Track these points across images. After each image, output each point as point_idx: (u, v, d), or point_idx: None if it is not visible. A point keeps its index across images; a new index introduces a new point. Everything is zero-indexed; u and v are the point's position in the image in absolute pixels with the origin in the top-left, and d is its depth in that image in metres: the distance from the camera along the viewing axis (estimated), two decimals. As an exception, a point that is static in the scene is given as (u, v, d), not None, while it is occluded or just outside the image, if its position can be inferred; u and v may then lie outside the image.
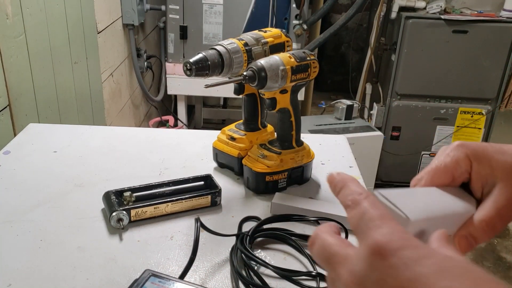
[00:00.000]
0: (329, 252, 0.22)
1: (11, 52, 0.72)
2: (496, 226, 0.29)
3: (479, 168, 0.30)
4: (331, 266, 0.22)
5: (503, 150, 0.30)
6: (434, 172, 0.30)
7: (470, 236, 0.29)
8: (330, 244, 0.23)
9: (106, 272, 0.43)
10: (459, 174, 0.30)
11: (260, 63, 0.50)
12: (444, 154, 0.30)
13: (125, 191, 0.51)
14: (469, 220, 0.29)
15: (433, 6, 1.58)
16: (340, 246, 0.22)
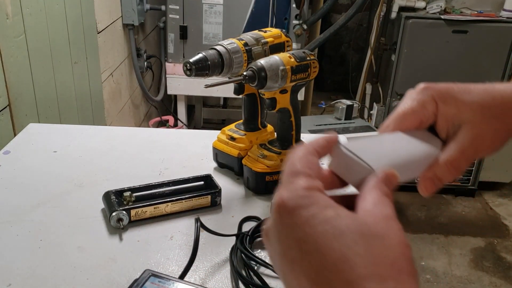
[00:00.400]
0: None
1: (11, 52, 0.72)
2: (461, 166, 0.29)
3: (445, 109, 0.29)
4: None
5: (469, 89, 0.30)
6: (401, 117, 0.30)
7: (435, 177, 0.29)
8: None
9: (106, 272, 0.43)
10: (426, 117, 0.30)
11: (260, 63, 0.50)
12: (410, 98, 0.30)
13: (125, 191, 0.51)
14: (434, 161, 0.29)
15: (433, 6, 1.58)
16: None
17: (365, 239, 0.18)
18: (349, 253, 0.18)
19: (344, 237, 0.18)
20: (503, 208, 1.77)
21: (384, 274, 0.18)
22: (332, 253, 0.18)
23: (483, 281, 1.40)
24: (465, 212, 1.74)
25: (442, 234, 1.61)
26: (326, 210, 0.19)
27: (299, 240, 0.19)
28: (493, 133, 0.30)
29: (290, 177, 0.21)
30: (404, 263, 0.19)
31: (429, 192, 0.29)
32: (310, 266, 0.19)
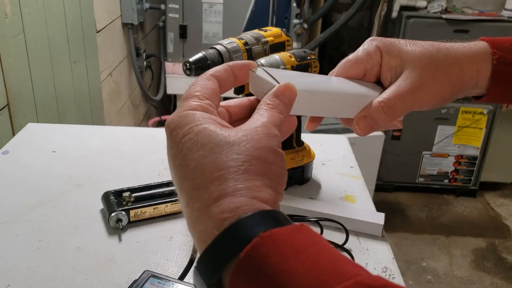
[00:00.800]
0: None
1: (10, 52, 0.72)
2: (396, 108, 0.29)
3: (389, 59, 0.30)
4: None
5: (416, 42, 0.31)
6: (345, 64, 0.30)
7: (370, 117, 0.29)
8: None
9: (105, 273, 0.43)
10: (370, 65, 0.30)
11: (260, 63, 0.49)
12: (358, 49, 0.31)
13: (124, 191, 0.51)
14: (370, 103, 0.29)
15: (434, 5, 1.57)
16: None
17: (219, 148, 0.20)
18: (202, 161, 0.20)
19: (203, 147, 0.21)
20: (505, 208, 1.77)
21: (225, 175, 0.20)
22: (190, 162, 0.21)
23: (484, 281, 1.39)
24: (466, 213, 1.74)
25: (443, 234, 1.61)
26: (197, 126, 0.21)
27: (173, 156, 0.22)
28: (433, 81, 0.30)
29: (182, 101, 0.23)
30: (256, 164, 0.20)
31: (363, 131, 0.30)
32: (177, 178, 0.21)
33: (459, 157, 1.75)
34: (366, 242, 0.48)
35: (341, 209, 0.51)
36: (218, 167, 0.20)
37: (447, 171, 1.77)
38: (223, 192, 0.19)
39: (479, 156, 1.74)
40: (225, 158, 0.20)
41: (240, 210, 0.19)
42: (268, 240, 0.18)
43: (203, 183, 0.20)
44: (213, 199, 0.19)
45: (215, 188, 0.20)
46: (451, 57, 0.30)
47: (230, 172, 0.20)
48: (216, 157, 0.20)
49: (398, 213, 1.71)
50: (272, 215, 0.19)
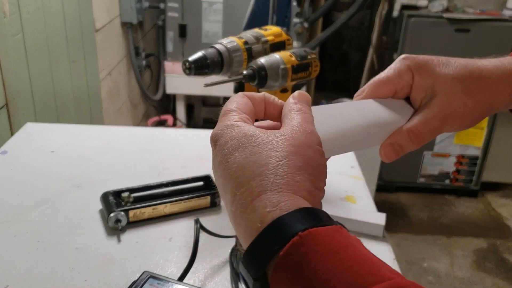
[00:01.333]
0: None
1: (8, 51, 0.71)
2: (422, 136, 0.29)
3: (420, 80, 0.29)
4: None
5: (448, 62, 0.30)
6: (376, 84, 0.30)
7: (396, 143, 0.30)
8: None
9: (105, 274, 0.42)
10: (400, 86, 0.30)
11: (260, 62, 0.49)
12: (389, 68, 0.30)
13: (123, 192, 0.51)
14: (398, 129, 0.30)
15: (435, 4, 1.57)
16: None
17: (258, 148, 0.22)
18: (243, 162, 0.21)
19: (244, 149, 0.22)
20: (506, 209, 1.76)
21: (265, 172, 0.21)
22: (232, 165, 0.22)
23: (486, 282, 1.39)
24: (467, 213, 1.74)
25: (444, 235, 1.60)
26: (237, 133, 0.23)
27: (218, 163, 0.23)
28: (462, 108, 0.29)
29: (222, 116, 0.25)
30: (294, 159, 0.21)
31: (388, 158, 0.30)
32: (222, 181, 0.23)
33: (460, 157, 1.75)
34: (367, 242, 0.48)
35: (342, 210, 0.50)
36: (258, 165, 0.21)
37: (448, 171, 1.77)
38: (264, 187, 0.20)
39: (480, 156, 1.73)
40: (264, 156, 0.21)
41: (282, 205, 0.20)
42: (307, 239, 0.18)
43: (245, 181, 0.21)
44: (256, 194, 0.20)
45: (256, 184, 0.20)
46: (483, 81, 0.30)
47: (270, 168, 0.21)
48: (256, 156, 0.21)
49: (399, 214, 1.70)
50: (312, 212, 0.20)
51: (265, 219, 0.19)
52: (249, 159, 0.21)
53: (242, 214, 0.21)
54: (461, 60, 0.30)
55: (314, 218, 0.19)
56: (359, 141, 0.28)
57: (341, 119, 0.28)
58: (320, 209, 0.21)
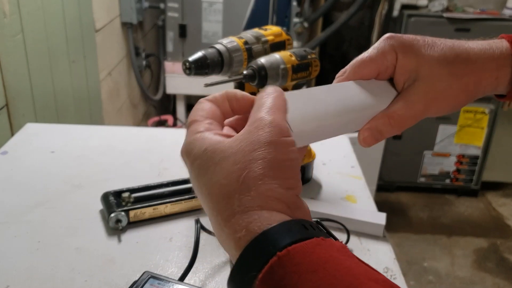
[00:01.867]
0: None
1: (8, 51, 0.71)
2: (405, 120, 0.28)
3: (403, 61, 0.28)
4: None
5: (435, 44, 0.28)
6: (358, 64, 0.28)
7: (375, 129, 0.28)
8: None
9: (105, 274, 0.42)
10: (384, 67, 0.28)
11: (260, 62, 0.49)
12: (372, 46, 0.29)
13: (123, 192, 0.51)
14: (378, 113, 0.28)
15: (435, 4, 1.57)
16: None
17: (218, 166, 0.20)
18: (209, 184, 0.20)
19: (207, 170, 0.21)
20: (506, 208, 1.76)
21: (231, 191, 0.20)
22: (202, 188, 0.21)
23: (486, 282, 1.39)
24: (467, 213, 1.74)
25: (445, 235, 1.60)
26: (198, 150, 0.21)
27: (192, 183, 0.22)
28: (448, 91, 0.28)
29: (187, 128, 0.23)
30: (254, 168, 0.20)
31: (366, 143, 0.28)
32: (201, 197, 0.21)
33: (460, 157, 1.75)
34: (367, 242, 0.48)
35: (342, 209, 0.50)
36: (221, 185, 0.20)
37: (448, 170, 1.77)
38: (231, 210, 0.19)
39: (480, 156, 1.73)
40: (225, 174, 0.20)
41: (251, 226, 0.18)
42: (285, 259, 0.17)
43: (214, 207, 0.20)
44: (224, 220, 0.19)
45: (223, 208, 0.19)
46: (470, 64, 0.28)
47: (233, 186, 0.19)
48: (219, 175, 0.20)
49: (399, 213, 1.70)
50: (287, 228, 0.18)
51: (238, 245, 0.18)
52: (213, 180, 0.20)
53: (221, 239, 0.20)
54: (448, 41, 0.29)
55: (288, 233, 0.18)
56: (336, 127, 0.27)
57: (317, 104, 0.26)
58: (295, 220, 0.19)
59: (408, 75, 0.28)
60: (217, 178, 0.20)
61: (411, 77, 0.28)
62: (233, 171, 0.20)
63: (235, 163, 0.20)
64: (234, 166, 0.20)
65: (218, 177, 0.20)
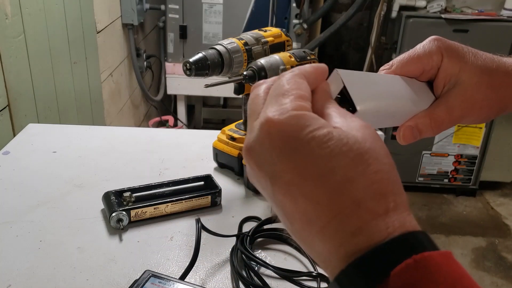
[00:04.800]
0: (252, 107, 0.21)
1: (10, 52, 0.72)
2: (443, 124, 0.29)
3: (448, 65, 0.29)
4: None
5: (477, 53, 0.30)
6: (406, 61, 0.29)
7: (416, 128, 0.29)
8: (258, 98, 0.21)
9: (106, 273, 0.43)
10: (429, 67, 0.29)
11: (260, 63, 0.50)
12: (419, 45, 0.30)
13: (124, 192, 0.51)
14: (420, 113, 0.29)
15: (434, 5, 1.58)
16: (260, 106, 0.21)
17: (362, 157, 0.18)
18: (351, 174, 0.18)
19: (345, 157, 0.18)
20: (504, 207, 1.77)
21: (385, 189, 0.18)
22: (334, 175, 0.18)
23: (484, 281, 1.39)
24: (466, 212, 1.74)
25: (443, 234, 1.61)
26: (320, 131, 0.19)
27: (295, 164, 0.19)
28: (484, 101, 0.29)
29: (279, 97, 0.20)
30: (396, 174, 0.19)
31: (406, 141, 0.29)
32: (313, 189, 0.18)
33: (458, 157, 1.75)
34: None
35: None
36: (371, 180, 0.18)
37: (447, 170, 1.77)
38: (387, 207, 0.18)
39: (478, 156, 1.74)
40: (373, 169, 0.18)
41: (404, 228, 0.18)
42: (421, 264, 0.17)
43: (362, 197, 0.18)
44: (380, 213, 0.18)
45: (378, 203, 0.18)
46: (507, 78, 0.29)
47: (384, 184, 0.18)
48: (365, 168, 0.18)
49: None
50: (425, 236, 0.18)
51: (382, 238, 0.17)
52: (358, 169, 0.18)
53: (349, 234, 0.18)
54: (488, 54, 0.30)
55: (426, 241, 0.18)
56: (389, 115, 0.26)
57: (376, 86, 0.25)
58: (426, 233, 0.18)
59: (449, 78, 0.29)
60: (360, 170, 0.18)
61: (452, 81, 0.29)
62: (381, 170, 0.19)
63: (379, 162, 0.19)
64: (380, 166, 0.19)
65: (363, 169, 0.18)
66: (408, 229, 0.18)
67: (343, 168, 0.18)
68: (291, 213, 0.19)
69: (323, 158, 0.18)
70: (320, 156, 0.18)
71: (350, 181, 0.18)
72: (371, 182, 0.18)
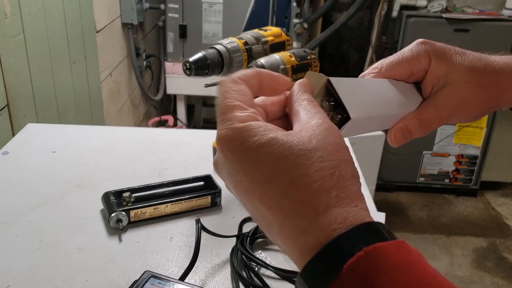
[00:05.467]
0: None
1: (9, 52, 0.72)
2: (432, 124, 0.29)
3: (436, 67, 0.29)
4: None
5: (464, 53, 0.30)
6: (394, 64, 0.30)
7: (406, 129, 0.29)
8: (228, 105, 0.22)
9: (106, 273, 0.42)
10: (417, 70, 0.30)
11: (260, 62, 0.49)
12: (407, 48, 0.30)
13: (124, 192, 0.51)
14: (409, 114, 0.29)
15: (435, 4, 1.57)
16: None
17: (304, 158, 0.19)
18: (294, 176, 0.19)
19: (287, 160, 0.19)
20: (505, 208, 1.77)
21: (326, 185, 0.19)
22: (278, 179, 0.19)
23: (485, 281, 1.39)
24: (467, 212, 1.74)
25: (444, 234, 1.61)
26: (263, 138, 0.20)
27: (246, 173, 0.20)
28: (473, 100, 0.29)
29: (224, 114, 0.21)
30: (344, 168, 0.20)
31: (397, 143, 0.30)
32: (263, 194, 0.20)
33: (459, 157, 1.75)
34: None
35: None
36: (313, 179, 0.19)
37: (447, 170, 1.77)
38: (328, 203, 0.19)
39: (479, 156, 1.74)
40: (315, 168, 0.19)
41: (348, 221, 0.19)
42: (372, 255, 0.17)
43: (305, 197, 0.19)
44: (321, 211, 0.19)
45: (319, 201, 0.19)
46: (495, 76, 0.30)
47: (327, 181, 0.19)
48: (307, 168, 0.19)
49: (398, 213, 1.71)
50: (375, 227, 0.19)
51: (330, 236, 0.18)
52: (299, 171, 0.19)
53: (304, 230, 0.19)
54: (475, 53, 0.30)
55: (377, 233, 0.18)
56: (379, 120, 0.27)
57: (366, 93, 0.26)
58: (380, 223, 0.19)
59: (437, 80, 0.30)
60: (303, 171, 0.19)
61: (440, 83, 0.30)
62: (324, 167, 0.19)
63: (322, 160, 0.19)
64: (323, 163, 0.19)
65: (305, 170, 0.19)
66: (354, 222, 0.18)
67: (286, 172, 0.19)
68: (256, 217, 0.21)
69: (268, 164, 0.20)
70: (266, 162, 0.20)
71: (294, 183, 0.19)
72: (313, 181, 0.19)
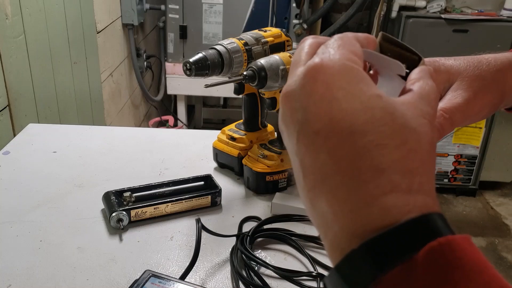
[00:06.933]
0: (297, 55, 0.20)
1: (10, 53, 0.72)
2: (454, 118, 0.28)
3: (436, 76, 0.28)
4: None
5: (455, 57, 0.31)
6: None
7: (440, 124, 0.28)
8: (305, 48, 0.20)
9: (106, 273, 0.43)
10: None
11: (260, 63, 0.50)
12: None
13: (125, 192, 0.51)
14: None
15: (434, 5, 1.58)
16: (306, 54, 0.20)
17: (403, 132, 0.17)
18: (386, 141, 0.17)
19: (383, 124, 0.17)
20: (504, 207, 1.77)
21: (412, 169, 0.17)
22: (366, 136, 0.17)
23: (484, 280, 1.39)
24: (466, 212, 1.74)
25: (443, 233, 1.61)
26: (370, 90, 0.17)
27: (331, 114, 0.17)
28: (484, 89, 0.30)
29: (331, 47, 0.19)
30: (431, 163, 0.18)
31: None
32: (339, 143, 0.17)
33: (458, 157, 1.75)
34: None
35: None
36: (406, 156, 0.17)
37: (446, 170, 1.77)
38: (409, 185, 0.17)
39: (478, 156, 1.74)
40: (409, 147, 0.17)
41: (424, 208, 0.16)
42: (446, 249, 0.15)
43: (386, 168, 0.16)
44: (405, 188, 0.16)
45: (403, 179, 0.16)
46: (492, 65, 0.30)
47: (415, 164, 0.17)
48: (402, 142, 0.17)
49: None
50: (445, 220, 0.17)
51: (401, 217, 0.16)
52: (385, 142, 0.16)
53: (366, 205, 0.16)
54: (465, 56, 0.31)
55: (448, 226, 0.16)
56: None
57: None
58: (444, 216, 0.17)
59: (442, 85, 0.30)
60: (407, 147, 0.17)
61: (445, 88, 0.30)
62: (418, 152, 0.17)
63: (420, 147, 0.17)
64: (421, 150, 0.17)
65: (408, 147, 0.17)
66: (430, 210, 0.16)
67: (379, 134, 0.17)
68: (307, 167, 0.18)
69: (362, 117, 0.17)
70: (360, 113, 0.17)
71: (381, 147, 0.17)
72: (402, 157, 0.17)
